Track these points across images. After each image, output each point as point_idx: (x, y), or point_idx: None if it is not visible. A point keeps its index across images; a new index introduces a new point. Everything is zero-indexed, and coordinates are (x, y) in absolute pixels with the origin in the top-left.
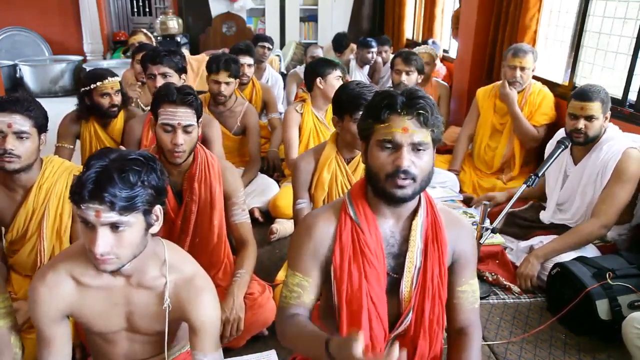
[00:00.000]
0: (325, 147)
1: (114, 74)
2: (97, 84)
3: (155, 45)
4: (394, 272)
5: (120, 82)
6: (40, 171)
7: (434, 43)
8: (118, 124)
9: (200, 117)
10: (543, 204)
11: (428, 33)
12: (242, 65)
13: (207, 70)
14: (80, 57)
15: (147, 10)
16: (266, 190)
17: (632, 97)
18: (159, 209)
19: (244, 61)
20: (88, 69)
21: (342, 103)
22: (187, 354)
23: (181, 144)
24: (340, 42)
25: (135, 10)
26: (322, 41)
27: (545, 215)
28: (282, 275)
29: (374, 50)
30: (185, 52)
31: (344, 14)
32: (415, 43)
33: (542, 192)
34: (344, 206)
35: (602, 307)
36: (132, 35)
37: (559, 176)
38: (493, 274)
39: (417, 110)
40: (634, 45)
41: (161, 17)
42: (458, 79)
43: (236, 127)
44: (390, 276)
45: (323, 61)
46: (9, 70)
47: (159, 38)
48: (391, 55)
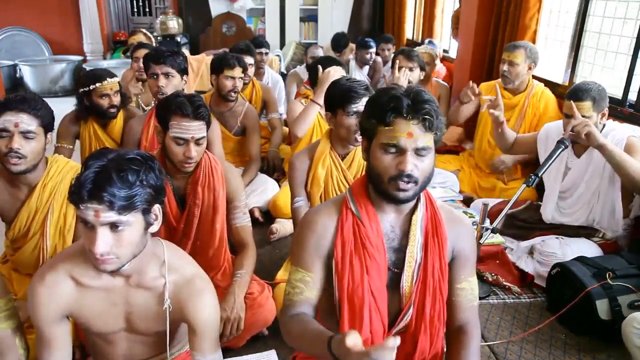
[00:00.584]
0: (319, 144)
1: (113, 74)
2: (97, 85)
3: (156, 45)
4: (394, 267)
5: (119, 83)
6: (45, 170)
7: (431, 42)
8: (117, 124)
9: (209, 127)
10: (541, 203)
11: (428, 33)
12: None
13: (218, 68)
14: (80, 57)
15: (147, 10)
16: (266, 190)
17: (632, 97)
18: (158, 208)
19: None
20: (88, 69)
21: (334, 98)
22: (187, 354)
23: (194, 156)
24: (339, 41)
25: (135, 10)
26: (322, 41)
27: (546, 210)
28: (282, 274)
29: (372, 50)
30: (185, 52)
31: (344, 14)
32: (415, 43)
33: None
34: (345, 201)
35: (602, 307)
36: (132, 35)
37: (559, 169)
38: (493, 274)
39: (422, 115)
40: (634, 45)
41: (161, 17)
42: (458, 79)
43: (236, 128)
44: (391, 271)
45: (327, 59)
46: (9, 70)
47: (159, 38)
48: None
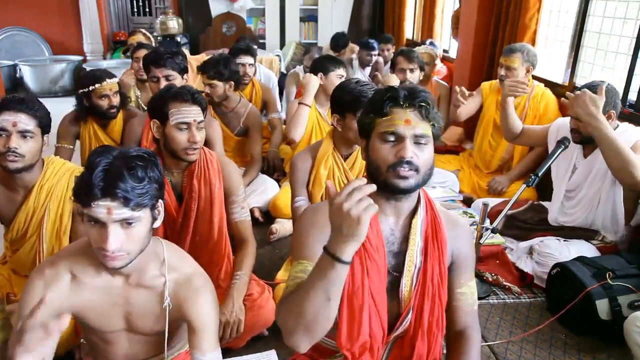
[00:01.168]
0: (321, 144)
1: (112, 75)
2: (96, 85)
3: (156, 45)
4: (394, 271)
5: (118, 83)
6: (41, 171)
7: (432, 43)
8: (117, 124)
9: (206, 114)
10: (542, 203)
11: (428, 33)
12: (242, 65)
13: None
14: (80, 57)
15: (147, 10)
16: (266, 190)
17: (632, 97)
18: (160, 203)
19: (245, 61)
20: (88, 69)
21: (344, 101)
22: (187, 354)
23: (199, 140)
24: (337, 41)
25: (135, 10)
26: (322, 41)
27: (552, 210)
28: (282, 275)
29: (375, 52)
30: (185, 52)
31: (344, 14)
32: (415, 43)
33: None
34: None
35: (602, 307)
36: (131, 35)
37: (568, 168)
38: (493, 274)
39: (419, 102)
40: (634, 45)
41: (161, 17)
42: (458, 79)
43: (239, 129)
44: (391, 274)
45: (328, 58)
46: (9, 70)
47: (159, 38)
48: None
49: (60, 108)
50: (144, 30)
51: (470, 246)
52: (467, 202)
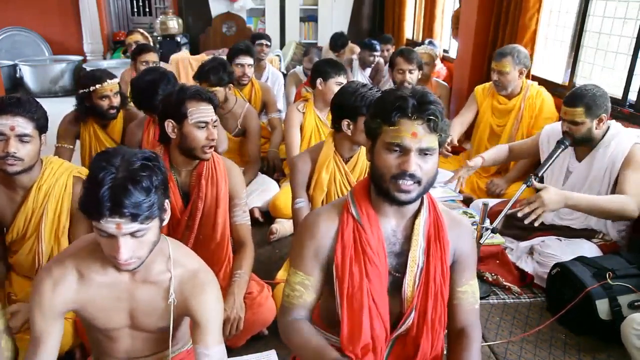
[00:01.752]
0: (322, 147)
1: (112, 75)
2: (96, 86)
3: (156, 45)
4: (396, 271)
5: (118, 83)
6: (40, 172)
7: (431, 43)
8: (117, 124)
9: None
10: None
11: (428, 33)
12: (242, 65)
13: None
14: (80, 57)
15: (147, 10)
16: (266, 190)
17: (632, 97)
18: (166, 203)
19: (244, 61)
20: (88, 69)
21: (355, 107)
22: (187, 353)
23: (216, 137)
24: (337, 41)
25: (135, 10)
26: (322, 41)
27: (547, 215)
28: (282, 274)
29: (377, 53)
30: (185, 52)
31: (344, 14)
32: (415, 43)
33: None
34: (347, 205)
35: (602, 307)
36: (129, 35)
37: (561, 173)
38: (493, 274)
39: (427, 115)
40: (634, 45)
41: (161, 17)
42: (458, 79)
43: (237, 129)
44: (393, 275)
45: (329, 63)
46: (9, 70)
47: (159, 38)
48: None
49: (60, 108)
50: (141, 30)
51: (471, 245)
52: (467, 202)
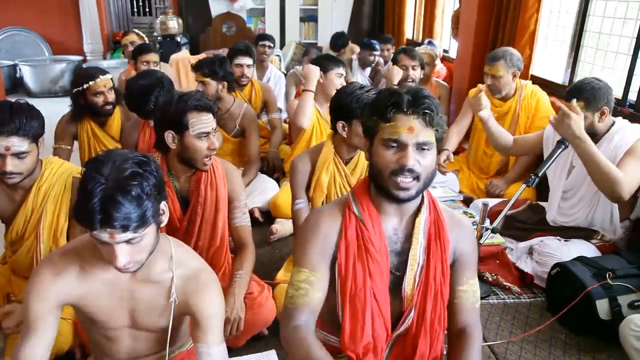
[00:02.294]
0: (322, 148)
1: (105, 71)
2: (90, 83)
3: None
4: (396, 270)
5: (112, 79)
6: (40, 172)
7: (430, 43)
8: (115, 121)
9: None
10: (540, 203)
11: (428, 33)
12: (241, 65)
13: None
14: (80, 57)
15: (147, 10)
16: (266, 190)
17: (632, 97)
18: (164, 204)
19: (244, 62)
20: None
21: (350, 109)
22: (187, 353)
23: (217, 146)
24: (337, 41)
25: (135, 10)
26: (322, 41)
27: (550, 210)
28: (282, 274)
29: (377, 53)
30: (185, 52)
31: (344, 14)
32: (415, 43)
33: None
34: (348, 203)
35: (602, 307)
36: (124, 35)
37: (564, 167)
38: (493, 274)
39: (423, 109)
40: (634, 45)
41: (161, 17)
42: (458, 79)
43: (235, 130)
44: (393, 274)
45: (327, 57)
46: (9, 70)
47: (159, 38)
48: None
49: (60, 108)
50: (137, 30)
51: (472, 245)
52: (467, 202)
